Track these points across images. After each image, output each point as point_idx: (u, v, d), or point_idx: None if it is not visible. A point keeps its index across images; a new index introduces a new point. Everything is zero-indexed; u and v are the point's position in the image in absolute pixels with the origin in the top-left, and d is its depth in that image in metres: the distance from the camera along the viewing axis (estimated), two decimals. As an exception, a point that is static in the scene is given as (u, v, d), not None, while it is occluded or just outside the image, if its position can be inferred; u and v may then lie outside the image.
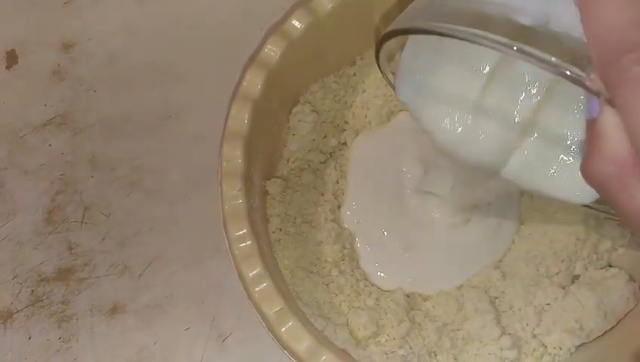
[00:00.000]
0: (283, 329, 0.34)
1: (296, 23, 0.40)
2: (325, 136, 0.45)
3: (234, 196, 0.36)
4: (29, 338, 0.43)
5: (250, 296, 0.35)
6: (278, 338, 0.34)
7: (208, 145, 0.47)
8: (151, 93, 0.49)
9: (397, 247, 0.42)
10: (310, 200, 0.43)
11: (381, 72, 0.35)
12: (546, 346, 0.40)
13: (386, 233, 0.43)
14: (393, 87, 0.35)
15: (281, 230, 0.41)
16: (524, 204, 0.44)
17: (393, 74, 0.36)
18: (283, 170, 0.44)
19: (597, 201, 0.31)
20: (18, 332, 0.43)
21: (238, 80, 0.39)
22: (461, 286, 0.42)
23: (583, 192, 0.30)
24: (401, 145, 0.45)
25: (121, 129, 0.48)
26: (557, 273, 0.42)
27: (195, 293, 0.45)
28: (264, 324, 0.34)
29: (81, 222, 0.46)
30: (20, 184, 0.46)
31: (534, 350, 0.40)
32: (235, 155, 0.37)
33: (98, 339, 0.43)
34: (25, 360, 0.42)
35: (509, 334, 0.40)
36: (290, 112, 0.44)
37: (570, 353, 0.40)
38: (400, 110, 0.46)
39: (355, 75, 0.46)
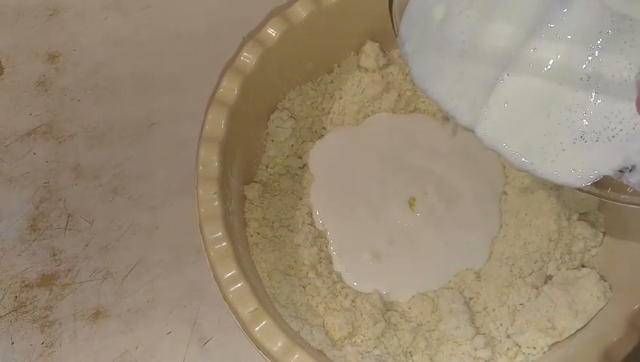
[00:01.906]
0: (257, 328, 0.35)
1: (272, 31, 0.41)
2: (304, 142, 0.46)
3: (210, 199, 0.37)
4: (12, 343, 0.43)
5: (225, 297, 0.35)
6: (252, 338, 0.35)
7: (190, 151, 0.47)
8: (134, 102, 0.50)
9: (366, 257, 0.43)
10: (288, 204, 0.44)
11: (392, 23, 0.33)
12: (519, 345, 0.41)
13: (354, 240, 0.43)
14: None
15: (259, 234, 0.42)
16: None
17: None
18: (262, 175, 0.45)
19: (593, 185, 0.31)
20: (1, 338, 0.43)
21: (215, 86, 0.40)
22: (436, 287, 0.43)
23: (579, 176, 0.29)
24: (371, 143, 0.46)
25: (105, 137, 0.50)
26: (530, 273, 0.43)
27: (177, 298, 0.45)
28: (239, 324, 0.35)
29: (65, 229, 0.46)
30: (5, 192, 0.47)
31: (508, 349, 0.41)
32: (211, 159, 0.38)
33: (81, 344, 0.44)
34: (8, 365, 0.43)
35: (483, 334, 0.41)
36: (269, 119, 0.45)
37: (544, 352, 0.40)
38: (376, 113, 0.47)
39: (332, 82, 0.47)
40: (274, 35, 0.41)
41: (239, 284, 0.35)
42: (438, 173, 0.46)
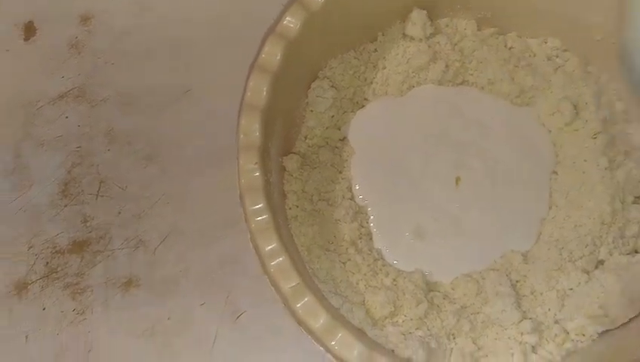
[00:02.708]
0: (299, 304, 0.33)
1: (317, -5, 0.39)
2: (344, 113, 0.44)
3: (251, 169, 0.36)
4: (44, 309, 0.43)
5: (266, 270, 0.34)
6: (294, 314, 0.34)
7: (226, 120, 0.46)
8: (169, 67, 0.49)
9: (408, 235, 0.41)
10: (328, 177, 0.42)
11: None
12: (568, 332, 0.39)
13: (396, 217, 0.42)
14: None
15: (297, 207, 0.41)
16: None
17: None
18: (300, 146, 0.43)
19: None
20: (33, 304, 0.43)
21: (257, 51, 0.38)
22: (481, 268, 0.41)
23: None
24: (415, 116, 0.44)
25: (138, 102, 0.48)
26: (581, 257, 0.41)
27: (210, 269, 0.44)
28: (280, 299, 0.34)
29: (97, 195, 0.45)
30: (36, 156, 0.46)
31: (556, 335, 0.39)
32: (253, 128, 0.36)
33: (112, 312, 0.43)
34: (39, 331, 0.42)
35: (530, 319, 0.39)
36: (309, 87, 0.43)
37: (593, 339, 0.39)
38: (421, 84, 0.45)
39: (375, 50, 0.45)
40: (319, -2, 0.39)
41: (281, 258, 0.34)
42: (486, 149, 0.44)
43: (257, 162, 0.35)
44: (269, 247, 0.34)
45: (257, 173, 0.35)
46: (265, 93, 0.37)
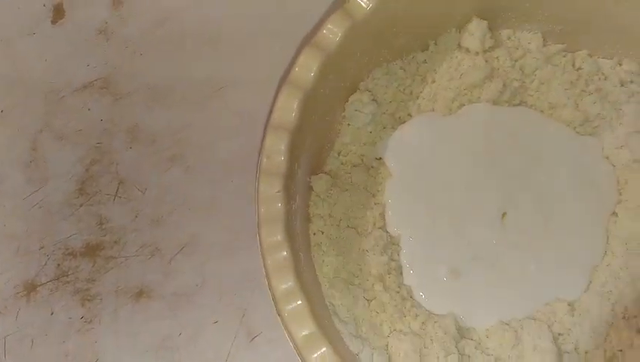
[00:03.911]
0: (313, 355, 0.30)
1: (363, 1, 0.35)
2: (384, 129, 0.40)
3: (272, 198, 0.32)
4: (52, 313, 0.41)
5: (279, 313, 0.31)
6: (305, 363, 0.30)
7: (258, 123, 0.43)
8: (202, 62, 0.45)
9: (443, 272, 0.37)
10: (359, 201, 0.38)
11: None
12: (612, 399, 0.35)
13: (431, 251, 0.38)
14: None
15: (322, 233, 0.37)
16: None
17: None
18: (332, 164, 0.39)
19: None
20: (41, 307, 0.41)
21: (290, 63, 0.34)
22: (521, 316, 0.37)
23: None
24: (463, 138, 0.39)
25: (166, 98, 0.45)
26: (636, 316, 0.36)
27: (228, 284, 0.41)
28: (292, 346, 0.31)
29: (115, 196, 0.43)
30: (55, 149, 0.44)
31: (598, 403, 0.35)
32: (278, 150, 0.33)
33: (121, 323, 0.41)
34: (46, 336, 0.41)
35: (571, 381, 0.35)
36: (347, 100, 0.39)
37: (640, 410, 0.35)
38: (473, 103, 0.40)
39: (425, 61, 0.41)
40: (365, 4, 0.35)
41: (297, 302, 0.30)
42: (539, 181, 0.39)
43: (280, 190, 0.32)
44: (284, 287, 0.31)
45: (279, 204, 0.32)
46: (295, 112, 0.33)
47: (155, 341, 0.41)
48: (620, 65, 0.40)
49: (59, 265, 0.42)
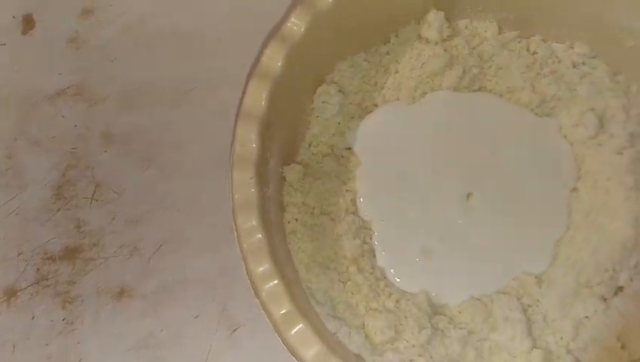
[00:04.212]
0: (291, 332, 0.31)
1: (324, -5, 0.36)
2: (352, 119, 0.42)
3: (246, 184, 0.33)
4: (33, 317, 0.41)
5: (257, 294, 0.32)
6: (285, 342, 0.31)
7: (232, 120, 0.44)
8: (172, 65, 0.46)
9: (414, 253, 0.39)
10: (331, 189, 0.40)
11: None
12: (581, 363, 0.36)
13: (402, 233, 0.39)
14: None
15: (297, 220, 0.38)
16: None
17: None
18: (304, 154, 0.41)
19: None
20: (22, 311, 0.41)
21: (257, 55, 0.36)
22: (491, 291, 0.39)
23: None
24: (427, 124, 0.41)
25: (139, 101, 0.46)
26: (599, 283, 0.38)
27: (207, 280, 0.42)
28: (271, 326, 0.32)
29: (92, 200, 0.44)
30: (30, 156, 0.44)
31: (568, 367, 0.36)
32: (249, 138, 0.34)
33: (103, 323, 0.41)
34: (27, 340, 0.41)
35: (541, 348, 0.37)
36: (315, 92, 0.41)
37: (609, 373, 0.36)
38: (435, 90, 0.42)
39: (388, 53, 0.42)
40: (326, -2, 0.36)
41: (273, 282, 0.32)
42: (501, 162, 0.41)
43: (253, 176, 0.33)
44: (261, 269, 0.32)
45: (253, 189, 0.33)
46: (264, 101, 0.34)
47: (138, 339, 0.41)
48: (572, 48, 0.42)
49: (38, 269, 0.42)
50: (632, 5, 0.39)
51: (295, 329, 0.31)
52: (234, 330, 0.41)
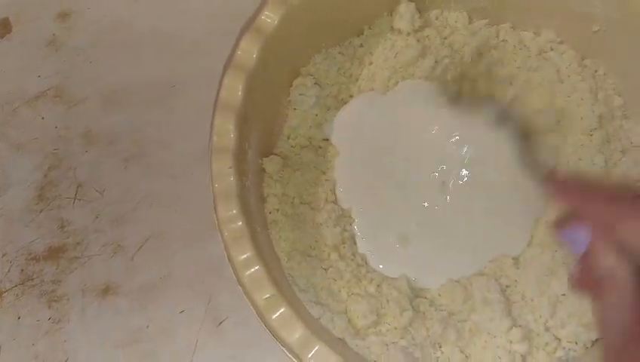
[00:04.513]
0: (274, 316, 0.32)
1: (296, -12, 0.37)
2: (328, 110, 0.43)
3: (224, 174, 0.34)
4: (19, 318, 0.41)
5: (239, 281, 0.33)
6: (268, 327, 0.32)
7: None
8: (152, 64, 0.47)
9: (393, 239, 0.39)
10: (310, 179, 0.40)
11: None
12: (559, 340, 0.37)
13: (381, 221, 0.40)
14: None
15: (278, 211, 0.39)
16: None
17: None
18: (282, 147, 0.41)
19: None
20: (7, 312, 0.42)
21: (232, 48, 0.36)
22: (470, 273, 0.39)
23: None
24: (401, 113, 0.42)
25: (120, 101, 0.46)
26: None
27: (192, 274, 0.43)
28: (254, 311, 0.32)
29: (74, 199, 0.44)
30: (12, 159, 0.45)
31: (547, 344, 0.37)
32: (226, 129, 0.35)
33: (89, 321, 0.41)
34: (14, 341, 0.41)
35: (520, 326, 0.38)
36: (291, 85, 0.42)
37: (586, 348, 0.37)
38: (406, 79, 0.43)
39: (361, 45, 0.43)
40: (299, -8, 0.37)
41: (255, 268, 0.32)
42: (477, 146, 0.42)
43: (232, 166, 0.34)
44: (242, 256, 0.32)
45: (232, 178, 0.34)
46: (240, 92, 0.35)
47: (125, 335, 0.41)
48: (540, 35, 0.43)
49: (23, 270, 0.42)
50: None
51: (278, 314, 0.32)
52: (220, 323, 0.42)
